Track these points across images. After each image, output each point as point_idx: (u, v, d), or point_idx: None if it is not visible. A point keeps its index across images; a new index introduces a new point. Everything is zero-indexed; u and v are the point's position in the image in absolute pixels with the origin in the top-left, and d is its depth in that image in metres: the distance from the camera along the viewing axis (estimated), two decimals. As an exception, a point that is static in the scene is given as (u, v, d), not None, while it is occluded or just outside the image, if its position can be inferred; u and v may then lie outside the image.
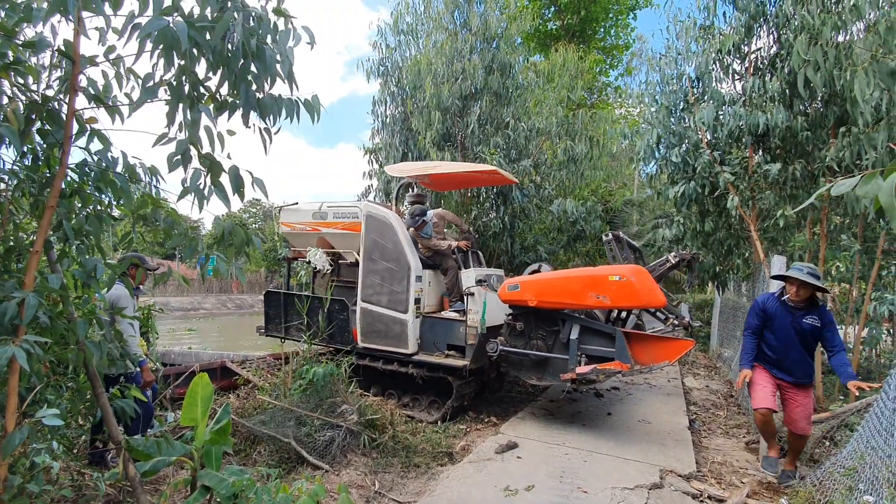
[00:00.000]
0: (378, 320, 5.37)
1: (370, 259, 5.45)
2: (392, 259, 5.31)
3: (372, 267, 5.44)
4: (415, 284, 5.19)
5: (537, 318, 4.85)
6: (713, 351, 9.49)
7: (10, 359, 1.83)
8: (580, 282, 4.49)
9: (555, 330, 4.77)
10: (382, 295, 5.35)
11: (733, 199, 5.01)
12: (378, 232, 5.42)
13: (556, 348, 4.74)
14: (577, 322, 4.64)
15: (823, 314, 3.69)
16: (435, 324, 5.31)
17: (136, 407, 2.91)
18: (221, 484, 2.50)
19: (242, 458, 3.88)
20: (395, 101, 9.00)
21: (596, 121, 9.08)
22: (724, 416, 5.63)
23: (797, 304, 3.72)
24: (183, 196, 2.33)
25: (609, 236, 5.99)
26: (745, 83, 5.39)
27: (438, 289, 5.74)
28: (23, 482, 1.97)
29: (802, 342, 3.72)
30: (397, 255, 5.28)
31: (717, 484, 3.79)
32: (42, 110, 2.21)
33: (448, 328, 5.23)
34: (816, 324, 3.66)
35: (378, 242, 5.40)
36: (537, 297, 4.64)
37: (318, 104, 2.41)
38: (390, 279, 5.31)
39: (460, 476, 3.63)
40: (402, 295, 5.23)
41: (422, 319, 5.33)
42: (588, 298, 4.40)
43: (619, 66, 15.81)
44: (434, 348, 5.25)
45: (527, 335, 4.87)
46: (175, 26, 1.92)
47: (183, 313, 23.89)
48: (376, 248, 5.42)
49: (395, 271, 5.28)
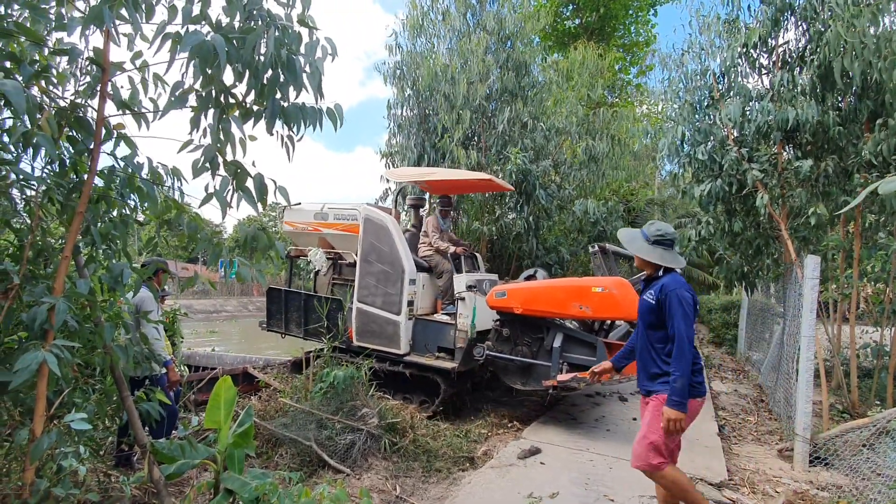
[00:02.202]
0: (372, 321, 5.53)
1: (366, 261, 5.62)
2: (387, 262, 5.47)
3: (368, 269, 5.60)
4: (408, 287, 5.36)
5: (523, 325, 4.97)
6: (741, 354, 9.22)
7: (40, 364, 1.85)
8: (564, 291, 4.63)
9: (539, 337, 4.90)
10: (377, 296, 5.52)
11: (762, 196, 4.84)
12: (375, 235, 5.58)
13: (540, 355, 4.85)
14: (561, 331, 4.77)
15: (662, 289, 2.69)
16: (426, 326, 5.48)
17: (161, 410, 2.93)
18: (244, 488, 2.50)
19: (265, 460, 3.89)
20: (409, 104, 9.03)
21: (617, 119, 8.94)
22: (755, 422, 5.45)
23: (646, 277, 2.91)
24: (205, 202, 2.35)
25: (595, 248, 6.20)
26: (772, 77, 5.23)
27: (432, 291, 5.90)
28: (49, 486, 1.99)
29: (643, 329, 2.85)
30: (392, 258, 5.44)
31: (750, 493, 3.66)
32: (71, 117, 2.25)
33: (439, 331, 5.39)
34: (652, 301, 2.73)
35: (375, 245, 5.57)
36: (523, 304, 4.76)
37: (341, 113, 2.42)
38: (385, 281, 5.47)
39: (483, 482, 3.58)
40: (395, 297, 5.40)
41: (414, 321, 5.49)
42: (571, 308, 4.54)
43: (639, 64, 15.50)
44: (425, 350, 5.41)
45: (513, 341, 4.99)
46: (213, 41, 1.94)
47: (206, 316, 24.32)
48: (373, 250, 5.58)
49: (389, 274, 5.45)
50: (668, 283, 2.68)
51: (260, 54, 2.07)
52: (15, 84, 1.60)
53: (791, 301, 4.99)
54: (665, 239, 2.75)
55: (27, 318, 1.95)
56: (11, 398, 2.16)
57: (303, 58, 2.25)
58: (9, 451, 2.37)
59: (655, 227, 2.80)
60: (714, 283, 17.97)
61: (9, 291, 2.04)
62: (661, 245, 2.75)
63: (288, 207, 6.48)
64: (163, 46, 1.98)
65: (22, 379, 1.77)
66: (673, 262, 2.73)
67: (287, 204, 2.45)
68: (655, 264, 2.77)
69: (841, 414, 5.09)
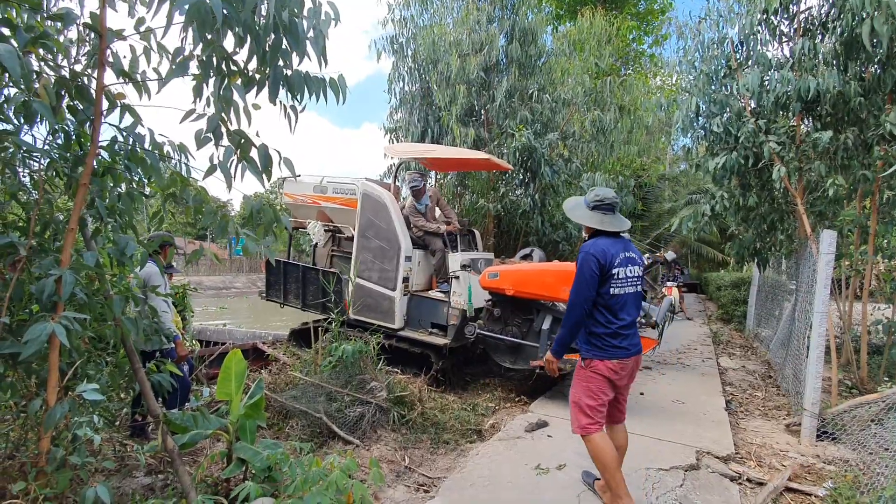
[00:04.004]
0: (369, 295, 5.60)
1: (364, 236, 5.67)
2: (384, 238, 5.51)
3: (365, 244, 5.65)
4: (404, 264, 5.42)
5: (514, 306, 5.01)
6: (749, 331, 9.19)
7: (49, 335, 1.85)
8: (554, 275, 4.70)
9: (529, 318, 4.96)
10: (374, 271, 5.59)
11: (779, 169, 4.72)
12: (373, 211, 5.61)
13: (529, 336, 4.91)
14: (550, 313, 4.82)
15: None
16: (421, 302, 5.57)
17: (173, 382, 2.97)
18: (256, 457, 2.55)
19: (276, 431, 3.95)
20: (412, 77, 8.81)
21: (626, 88, 8.66)
22: (763, 398, 5.45)
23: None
24: (210, 174, 2.31)
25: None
26: (793, 45, 5.02)
27: (428, 268, 5.93)
28: (65, 454, 2.02)
29: None
30: (389, 234, 5.48)
31: (756, 466, 3.67)
32: (71, 86, 2.20)
33: (432, 307, 5.48)
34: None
35: (372, 221, 5.60)
36: (514, 286, 4.80)
37: (344, 84, 2.35)
38: (381, 257, 5.53)
39: (490, 453, 3.62)
40: (391, 273, 5.48)
41: (409, 297, 5.57)
42: (561, 291, 4.58)
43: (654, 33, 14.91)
44: (419, 325, 5.53)
45: (503, 321, 5.04)
46: (210, 1, 1.86)
47: (216, 292, 24.61)
48: (370, 226, 5.62)
49: (386, 250, 5.50)
50: (584, 246, 2.78)
51: (261, 16, 1.99)
52: (8, 48, 1.55)
53: (804, 277, 4.92)
54: (603, 204, 2.79)
55: (36, 290, 1.95)
56: (25, 369, 2.18)
57: (306, 21, 2.17)
58: (25, 421, 2.41)
59: (594, 192, 2.85)
60: (724, 260, 17.84)
61: (17, 264, 2.04)
62: (601, 210, 2.80)
63: (288, 179, 6.48)
64: (160, 9, 1.91)
65: (32, 349, 1.77)
66: (611, 226, 2.77)
67: (292, 175, 2.41)
68: (595, 229, 2.82)
69: (849, 390, 5.07)
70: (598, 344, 2.75)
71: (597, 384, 2.74)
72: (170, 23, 2.09)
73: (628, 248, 2.80)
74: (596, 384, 2.75)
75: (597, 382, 2.74)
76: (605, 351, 2.71)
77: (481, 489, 3.08)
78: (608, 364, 2.72)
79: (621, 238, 2.82)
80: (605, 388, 2.74)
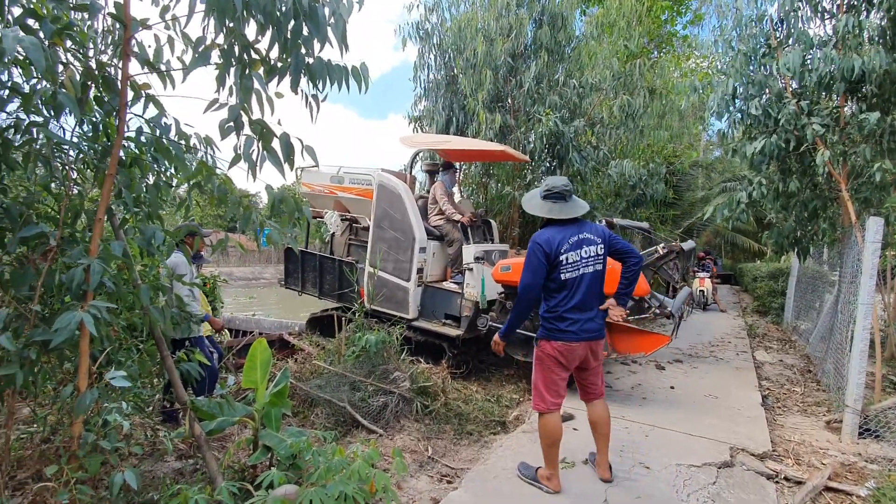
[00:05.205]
0: (383, 285, 5.61)
1: (379, 227, 5.67)
2: (399, 229, 5.51)
3: (381, 234, 5.66)
4: (418, 255, 5.42)
5: None
6: (787, 323, 8.83)
7: (78, 323, 1.89)
8: None
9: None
10: (388, 262, 5.59)
11: (823, 153, 4.46)
12: (388, 201, 5.61)
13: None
14: None
15: None
16: (435, 293, 5.57)
17: (201, 370, 3.02)
18: (281, 445, 2.57)
19: (301, 419, 4.00)
20: (437, 65, 8.71)
21: (658, 70, 8.31)
22: (801, 393, 5.22)
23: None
24: (235, 163, 2.32)
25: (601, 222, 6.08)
26: (837, 22, 4.72)
27: (442, 259, 5.91)
28: (96, 439, 2.07)
29: None
30: (404, 225, 5.48)
31: (794, 464, 3.52)
32: (97, 77, 2.22)
33: (446, 298, 5.49)
34: None
35: (387, 212, 5.60)
36: None
37: (367, 73, 2.31)
38: (396, 248, 5.54)
39: (514, 446, 3.57)
40: (406, 264, 5.48)
41: (423, 288, 5.58)
42: None
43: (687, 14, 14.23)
44: (432, 316, 5.54)
45: None
46: None
47: (245, 282, 25.20)
48: (385, 217, 5.62)
49: (401, 241, 5.50)
50: (533, 235, 2.89)
51: (282, 2, 1.96)
52: (33, 40, 1.56)
53: (848, 267, 4.67)
54: (553, 192, 2.88)
55: (66, 280, 1.99)
56: (58, 356, 2.25)
57: (327, 8, 2.13)
58: (61, 406, 2.49)
59: (545, 183, 2.95)
60: (759, 250, 17.18)
61: (48, 253, 2.08)
62: (551, 199, 2.89)
63: (306, 170, 6.53)
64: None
65: (62, 337, 1.81)
66: (560, 213, 2.86)
67: (315, 164, 2.40)
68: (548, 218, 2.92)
69: (893, 386, 4.82)
70: (545, 325, 2.90)
71: (546, 364, 2.89)
72: (192, 11, 2.09)
73: (584, 230, 2.87)
74: (545, 364, 2.89)
75: (546, 362, 2.89)
76: (550, 332, 2.85)
77: (505, 481, 3.04)
78: (554, 345, 2.84)
79: (578, 222, 2.90)
80: (555, 367, 2.87)
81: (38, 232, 2.05)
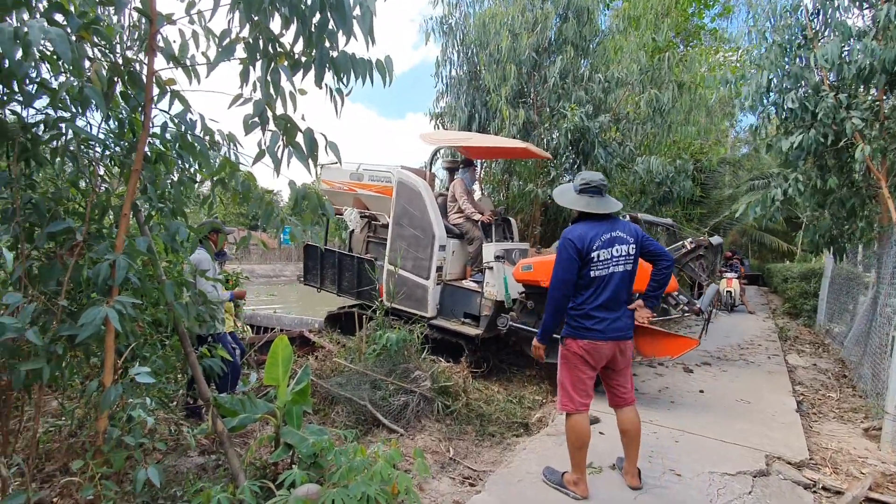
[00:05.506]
0: (402, 283, 5.57)
1: (399, 224, 5.65)
2: (418, 227, 5.47)
3: (400, 232, 5.63)
4: (438, 253, 5.37)
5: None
6: (820, 326, 8.51)
7: (104, 318, 1.88)
8: None
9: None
10: (408, 260, 5.55)
11: (862, 149, 4.25)
12: (407, 199, 5.57)
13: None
14: None
15: None
16: (454, 292, 5.51)
17: (224, 366, 3.02)
18: (303, 443, 2.54)
19: (322, 417, 3.99)
20: (460, 60, 8.64)
21: (687, 63, 8.06)
22: (837, 399, 5.00)
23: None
24: (259, 159, 2.29)
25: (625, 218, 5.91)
26: (876, 12, 4.50)
27: (462, 257, 5.85)
28: (121, 434, 2.07)
29: None
30: (424, 223, 5.44)
31: (832, 473, 3.35)
32: (123, 73, 2.22)
33: (466, 297, 5.42)
34: None
35: (407, 209, 5.57)
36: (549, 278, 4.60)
37: (391, 66, 2.26)
38: (416, 246, 5.50)
39: (538, 449, 3.49)
40: (425, 262, 5.45)
41: (442, 286, 5.52)
42: None
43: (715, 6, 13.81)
44: (451, 314, 5.47)
45: (537, 314, 4.85)
46: None
47: (266, 280, 25.55)
48: (405, 214, 5.59)
49: (420, 239, 5.47)
50: (565, 231, 2.83)
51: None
52: (59, 32, 1.55)
53: (887, 267, 4.46)
54: (590, 186, 2.81)
55: (91, 275, 1.99)
56: (83, 351, 2.26)
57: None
58: (89, 400, 2.50)
59: (581, 176, 2.88)
60: (789, 250, 16.65)
61: (74, 249, 2.09)
62: (588, 193, 2.82)
63: (326, 167, 6.54)
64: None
65: (87, 332, 1.81)
66: (598, 208, 2.79)
67: (338, 160, 2.37)
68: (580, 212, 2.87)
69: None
70: (570, 323, 2.82)
71: (572, 362, 2.81)
72: (217, 4, 2.07)
73: (616, 228, 2.79)
74: (571, 362, 2.81)
75: (572, 360, 2.81)
76: (576, 330, 2.78)
77: (529, 486, 2.96)
78: (579, 343, 2.77)
79: (611, 219, 2.83)
80: (581, 366, 2.78)
81: (66, 227, 2.05)
